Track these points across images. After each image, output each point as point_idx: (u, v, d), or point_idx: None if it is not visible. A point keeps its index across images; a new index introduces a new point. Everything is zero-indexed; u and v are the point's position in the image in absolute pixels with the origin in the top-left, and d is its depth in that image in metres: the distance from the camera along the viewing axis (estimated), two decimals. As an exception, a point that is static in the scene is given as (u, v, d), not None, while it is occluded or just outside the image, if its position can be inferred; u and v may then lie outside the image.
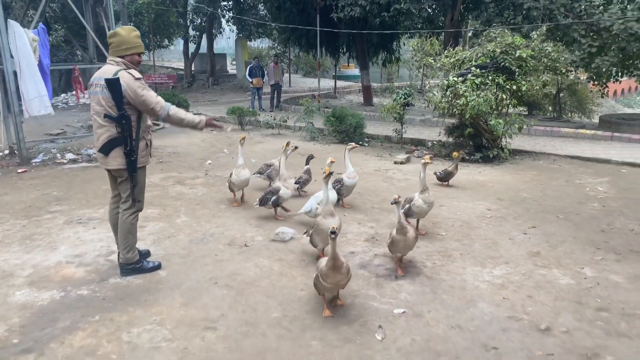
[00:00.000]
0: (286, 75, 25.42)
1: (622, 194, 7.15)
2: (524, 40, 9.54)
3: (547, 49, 9.36)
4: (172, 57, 45.31)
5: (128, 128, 4.27)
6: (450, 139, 10.06)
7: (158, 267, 4.64)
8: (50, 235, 5.55)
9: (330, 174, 4.63)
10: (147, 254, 4.85)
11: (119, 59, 4.33)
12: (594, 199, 6.90)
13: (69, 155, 10.28)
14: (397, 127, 11.23)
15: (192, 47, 31.10)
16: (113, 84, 4.19)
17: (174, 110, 4.42)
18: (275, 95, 18.85)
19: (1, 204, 6.78)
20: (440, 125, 12.59)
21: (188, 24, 29.79)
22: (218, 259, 4.87)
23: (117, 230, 4.57)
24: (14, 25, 8.35)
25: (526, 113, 16.36)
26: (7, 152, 10.67)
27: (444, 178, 7.62)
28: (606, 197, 7.00)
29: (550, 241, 5.27)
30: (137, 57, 4.43)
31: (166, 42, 31.37)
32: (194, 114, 4.63)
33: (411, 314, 3.80)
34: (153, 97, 4.29)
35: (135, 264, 4.55)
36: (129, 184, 4.44)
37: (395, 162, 9.34)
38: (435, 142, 10.43)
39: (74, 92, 24.18)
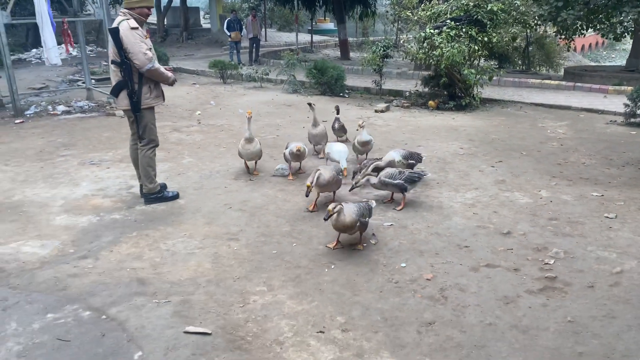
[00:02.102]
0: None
1: (578, 134, 8.04)
2: (495, -6, 10.16)
3: (516, 3, 10.02)
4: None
5: (128, 73, 4.80)
6: (426, 89, 10.77)
7: (177, 196, 5.29)
8: (69, 175, 6.11)
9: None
10: (164, 186, 5.48)
11: (126, 10, 4.82)
12: (554, 139, 7.76)
13: (61, 107, 10.60)
14: (376, 79, 11.85)
15: (163, 0, 30.55)
16: (113, 33, 4.71)
17: (156, 66, 4.83)
18: (254, 49, 19.07)
19: (12, 150, 7.25)
20: (415, 78, 13.25)
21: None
22: (228, 190, 5.55)
23: (137, 165, 5.20)
24: None
25: (497, 67, 17.14)
26: (-4, 105, 10.92)
27: None
28: (564, 137, 7.88)
29: (514, 172, 6.11)
30: (146, 10, 4.92)
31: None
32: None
33: (398, 226, 4.59)
34: (140, 50, 4.66)
35: (157, 193, 5.20)
36: (139, 122, 5.01)
37: (376, 111, 10.02)
38: (412, 92, 11.13)
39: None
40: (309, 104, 6.77)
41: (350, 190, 5.10)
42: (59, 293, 3.36)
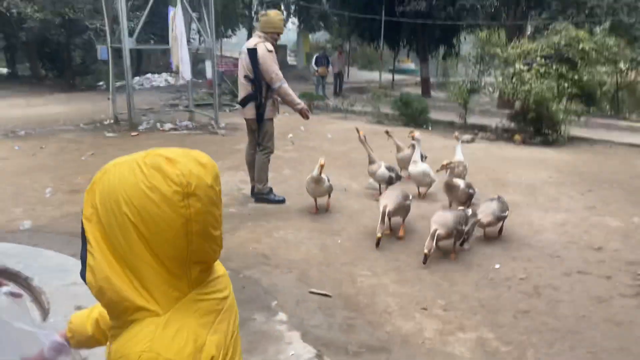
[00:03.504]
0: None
1: (672, 173, 7.93)
2: (587, 34, 10.31)
3: (609, 43, 10.10)
4: (234, 47, 47.26)
5: (259, 88, 5.50)
6: (512, 124, 10.94)
7: (283, 201, 5.86)
8: (185, 177, 6.90)
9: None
10: (271, 190, 6.08)
11: (262, 34, 5.56)
12: (646, 175, 7.72)
13: (168, 125, 11.77)
14: (461, 112, 12.19)
15: (255, 37, 32.62)
16: (252, 53, 5.43)
17: (285, 86, 5.54)
18: (338, 83, 19.97)
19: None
20: (499, 115, 13.40)
21: (252, 15, 31.36)
22: (327, 197, 6.09)
23: (251, 168, 5.86)
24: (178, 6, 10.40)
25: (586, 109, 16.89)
26: (112, 121, 12.28)
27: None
28: (657, 175, 7.80)
29: (605, 200, 6.21)
30: (276, 35, 5.64)
31: (229, 32, 33.04)
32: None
33: (488, 236, 4.88)
34: (274, 70, 5.41)
35: (266, 194, 5.81)
36: (260, 130, 5.68)
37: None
38: (497, 126, 11.34)
39: (147, 76, 26.15)
40: (386, 132, 7.27)
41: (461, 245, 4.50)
42: (200, 257, 3.97)
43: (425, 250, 4.12)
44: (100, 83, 21.30)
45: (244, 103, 5.64)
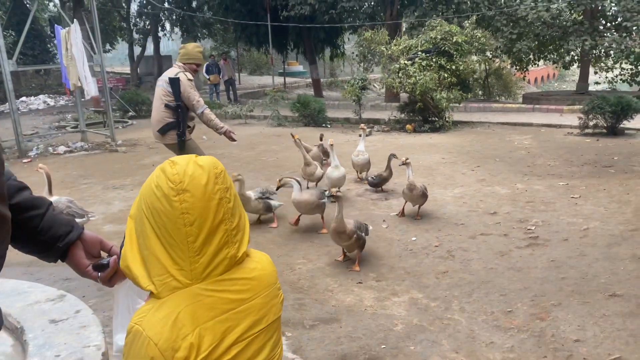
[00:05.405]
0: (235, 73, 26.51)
1: (542, 144, 9.16)
2: (459, 28, 11.47)
3: (477, 35, 11.33)
4: (113, 62, 45.07)
5: (183, 115, 5.59)
6: (403, 115, 11.85)
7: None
8: (98, 197, 6.75)
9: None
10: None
11: (182, 64, 5.65)
12: (521, 148, 8.85)
13: (62, 148, 11.19)
14: (355, 109, 12.91)
15: (136, 50, 31.53)
16: (174, 81, 5.51)
17: (207, 112, 5.70)
18: (231, 90, 20.02)
19: (32, 182, 7.75)
20: (388, 109, 14.37)
21: (132, 27, 30.29)
22: (247, 199, 6.30)
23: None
24: (75, 23, 9.71)
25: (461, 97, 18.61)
26: (-5, 150, 11.41)
27: (378, 184, 6.40)
28: (530, 147, 8.97)
29: (491, 173, 7.08)
30: (194, 66, 5.74)
31: (108, 46, 31.60)
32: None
33: (401, 214, 5.42)
34: (195, 97, 5.56)
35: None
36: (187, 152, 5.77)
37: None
38: (390, 118, 12.20)
39: (22, 99, 24.30)
40: (292, 135, 7.66)
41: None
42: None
43: None
44: (-30, 111, 19.49)
45: (163, 130, 5.66)
